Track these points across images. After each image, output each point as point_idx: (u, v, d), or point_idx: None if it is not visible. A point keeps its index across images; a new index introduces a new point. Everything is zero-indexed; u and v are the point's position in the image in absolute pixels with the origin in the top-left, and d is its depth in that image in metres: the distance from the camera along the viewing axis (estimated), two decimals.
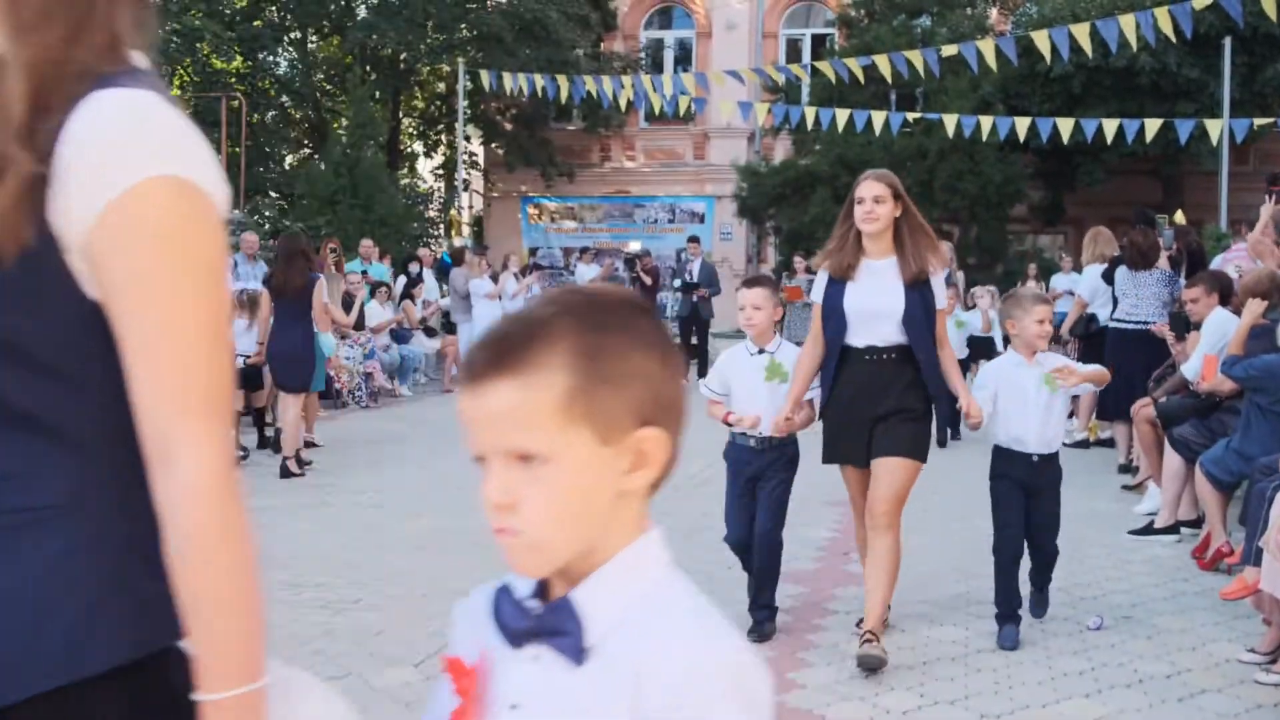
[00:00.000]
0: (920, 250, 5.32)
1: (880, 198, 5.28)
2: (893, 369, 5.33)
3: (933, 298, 5.34)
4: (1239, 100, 20.74)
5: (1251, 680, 5.00)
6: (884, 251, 5.37)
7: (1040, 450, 5.55)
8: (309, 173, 21.56)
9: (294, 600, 6.26)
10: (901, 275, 5.31)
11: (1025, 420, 5.48)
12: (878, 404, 5.29)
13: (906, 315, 5.26)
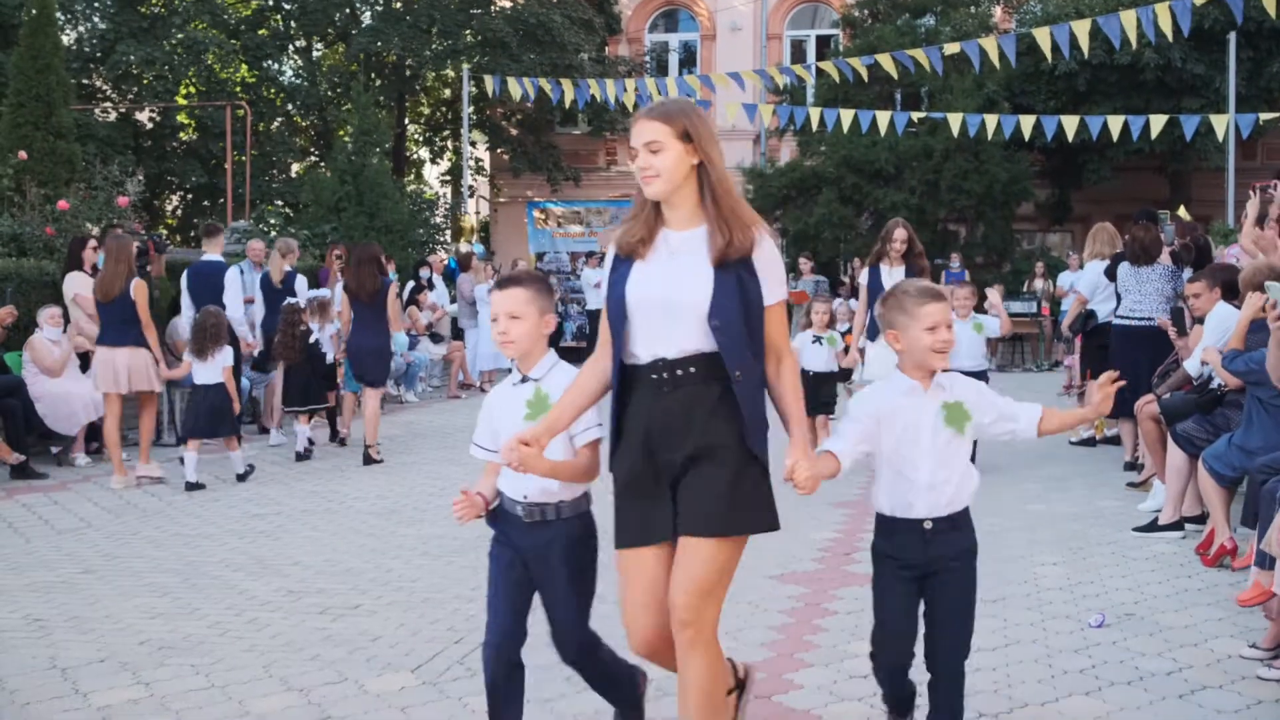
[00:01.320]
0: (737, 214, 3.67)
1: (655, 144, 3.63)
2: (693, 392, 3.65)
3: (756, 286, 3.67)
4: (1244, 95, 20.69)
5: (1254, 676, 4.96)
6: (688, 219, 3.70)
7: (933, 513, 3.91)
8: (314, 180, 21.56)
9: (292, 606, 6.25)
10: (710, 251, 3.65)
11: (914, 471, 3.90)
12: (674, 447, 3.65)
13: (715, 308, 3.61)
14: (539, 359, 4.02)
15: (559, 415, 3.79)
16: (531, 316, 3.96)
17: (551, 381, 3.98)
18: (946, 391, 3.95)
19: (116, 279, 10.20)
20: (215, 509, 9.07)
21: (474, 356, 18.67)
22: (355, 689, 4.97)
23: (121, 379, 10.18)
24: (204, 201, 24.93)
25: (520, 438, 3.62)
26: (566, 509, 3.96)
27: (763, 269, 3.68)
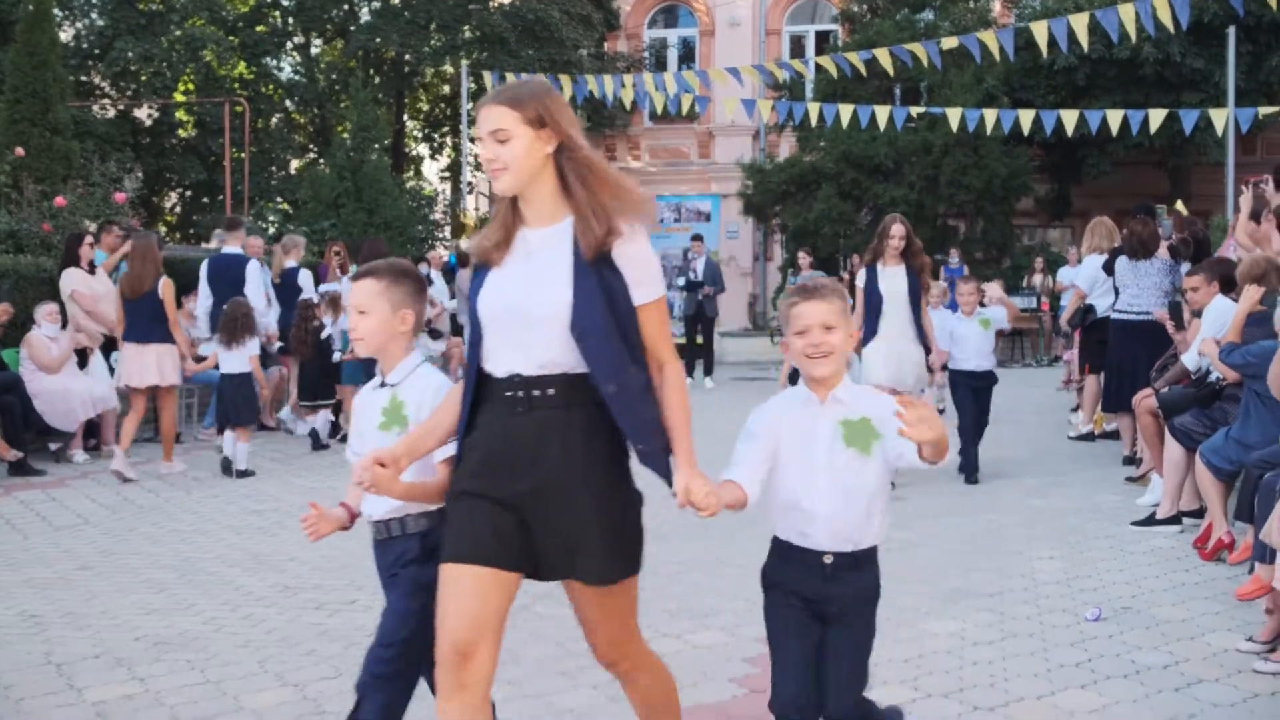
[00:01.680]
0: (601, 204, 3.19)
1: (501, 133, 3.20)
2: (548, 417, 3.20)
3: (623, 286, 3.20)
4: (1244, 90, 20.65)
5: (1250, 670, 4.95)
6: (549, 215, 3.26)
7: (835, 547, 3.41)
8: (313, 176, 21.56)
9: (288, 602, 6.24)
10: (570, 249, 3.21)
11: (810, 497, 3.38)
12: (517, 476, 3.21)
13: (577, 316, 3.14)
14: (398, 361, 3.65)
15: (422, 437, 3.41)
16: (381, 311, 3.59)
17: (409, 388, 3.61)
18: (847, 407, 3.36)
19: (144, 277, 10.44)
20: (213, 505, 9.06)
21: None
22: (350, 684, 4.95)
23: (149, 374, 10.43)
24: (203, 198, 24.91)
25: (377, 457, 3.26)
26: (412, 523, 3.61)
27: (626, 264, 3.20)
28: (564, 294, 3.15)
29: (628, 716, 4.55)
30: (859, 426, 3.35)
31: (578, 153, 3.23)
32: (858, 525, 3.41)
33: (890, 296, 9.47)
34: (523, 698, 4.76)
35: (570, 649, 5.38)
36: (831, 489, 3.36)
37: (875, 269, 9.63)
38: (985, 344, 9.83)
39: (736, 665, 5.13)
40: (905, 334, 9.48)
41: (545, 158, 3.22)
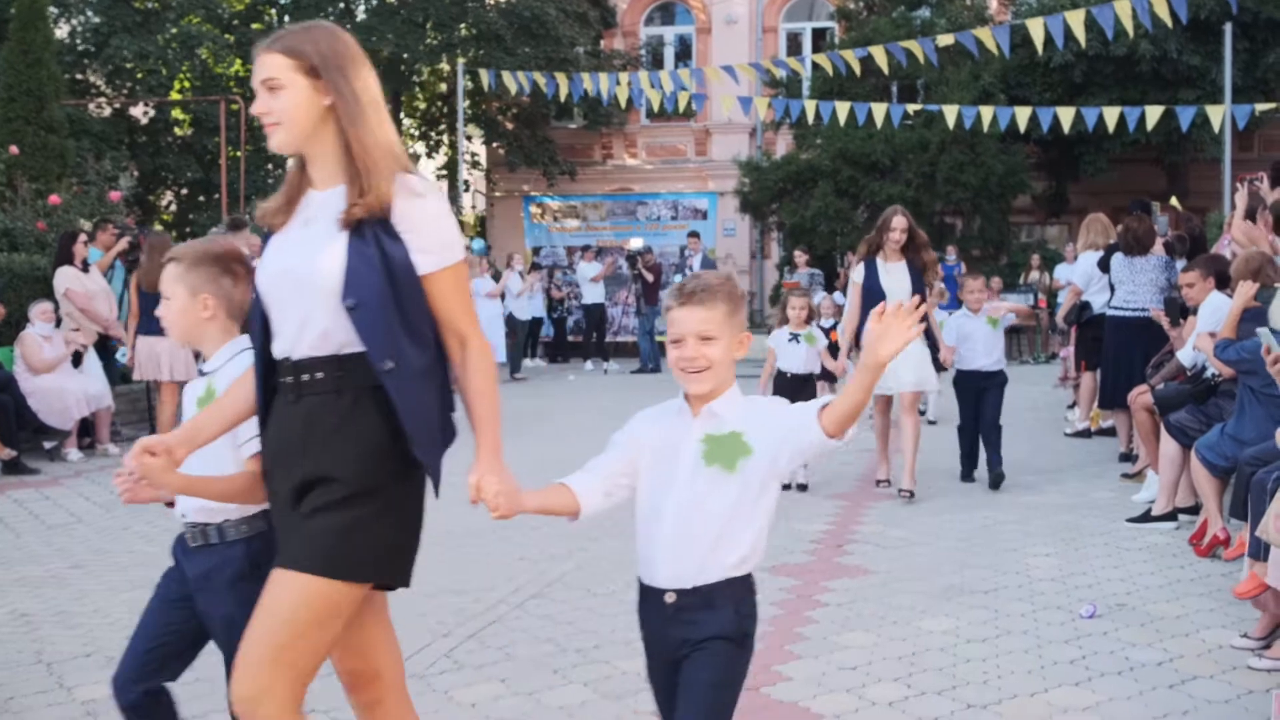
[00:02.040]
0: (377, 162, 2.91)
1: (273, 81, 2.93)
2: (316, 404, 2.93)
3: (402, 252, 2.90)
4: (1241, 86, 20.62)
5: (1244, 666, 4.94)
6: (329, 176, 2.99)
7: (677, 582, 2.92)
8: None
9: None
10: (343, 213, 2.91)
11: (657, 520, 2.95)
12: (288, 474, 2.96)
13: (349, 284, 2.86)
14: (215, 347, 3.39)
15: (202, 424, 3.12)
16: (180, 297, 3.40)
17: (223, 376, 3.30)
18: (719, 420, 2.92)
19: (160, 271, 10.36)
20: None
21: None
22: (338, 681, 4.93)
23: (163, 367, 10.70)
24: (199, 197, 24.85)
25: (147, 445, 2.94)
26: (232, 530, 3.27)
27: (407, 228, 2.90)
28: (336, 261, 2.87)
29: (619, 714, 4.55)
30: (724, 442, 2.89)
31: (351, 106, 2.94)
32: (702, 556, 2.88)
33: (893, 295, 8.48)
34: (513, 695, 4.74)
35: (563, 645, 5.37)
36: (678, 513, 2.90)
37: (875, 264, 8.99)
38: (994, 344, 9.33)
39: None
40: None
41: (324, 111, 2.95)
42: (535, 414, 14.61)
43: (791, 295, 9.56)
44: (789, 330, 9.28)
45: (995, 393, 9.29)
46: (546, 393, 17.42)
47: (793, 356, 9.26)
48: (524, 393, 17.50)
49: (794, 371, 9.24)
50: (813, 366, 9.33)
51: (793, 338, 9.27)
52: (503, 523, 8.04)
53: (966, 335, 9.35)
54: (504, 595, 6.27)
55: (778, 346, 9.31)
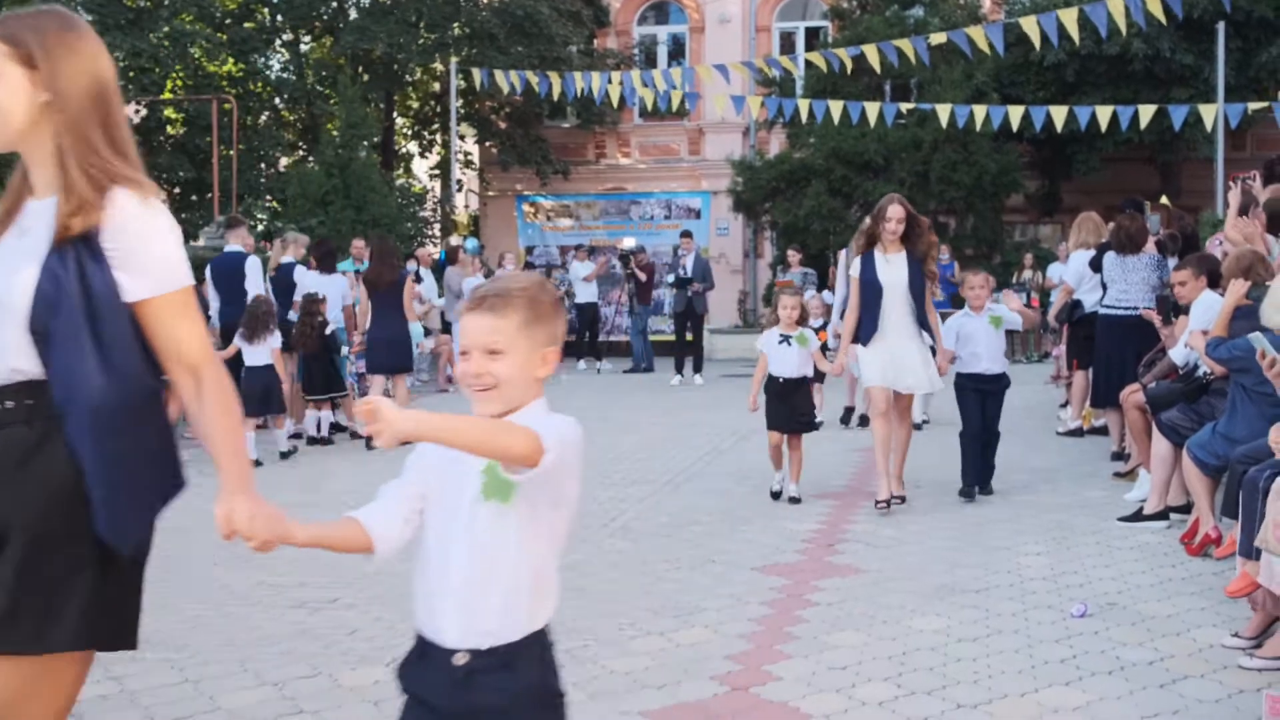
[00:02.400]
0: (88, 173, 2.63)
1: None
2: (9, 436, 2.60)
3: (105, 276, 2.62)
4: (1233, 85, 20.66)
5: (1235, 666, 4.92)
6: (46, 183, 2.70)
7: (468, 640, 2.46)
8: (301, 174, 21.50)
9: (271, 600, 6.20)
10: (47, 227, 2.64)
11: (444, 563, 2.46)
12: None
13: (35, 309, 2.57)
14: None
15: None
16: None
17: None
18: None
19: None
20: (198, 502, 8.90)
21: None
22: (329, 682, 4.92)
23: None
24: (191, 196, 24.79)
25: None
26: None
27: (117, 249, 2.59)
28: (28, 281, 2.55)
29: (607, 714, 4.52)
30: (495, 474, 2.42)
31: (67, 108, 2.61)
32: (498, 611, 2.44)
33: (891, 288, 8.29)
34: None
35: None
36: (467, 558, 2.44)
37: (873, 256, 8.39)
38: (995, 345, 8.70)
39: (719, 663, 5.09)
40: (906, 330, 8.32)
41: (41, 108, 2.63)
42: None
43: (783, 294, 8.87)
44: (779, 331, 8.63)
45: (996, 398, 8.75)
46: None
47: (784, 360, 8.62)
48: None
49: (786, 376, 8.60)
50: (806, 369, 8.71)
51: (784, 339, 8.61)
52: None
53: (968, 336, 8.69)
54: None
55: (768, 350, 8.67)
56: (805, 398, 8.80)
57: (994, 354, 8.70)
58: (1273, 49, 21.33)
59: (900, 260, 8.35)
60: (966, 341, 8.68)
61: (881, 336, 8.33)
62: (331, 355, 12.29)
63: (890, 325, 8.32)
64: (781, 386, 8.61)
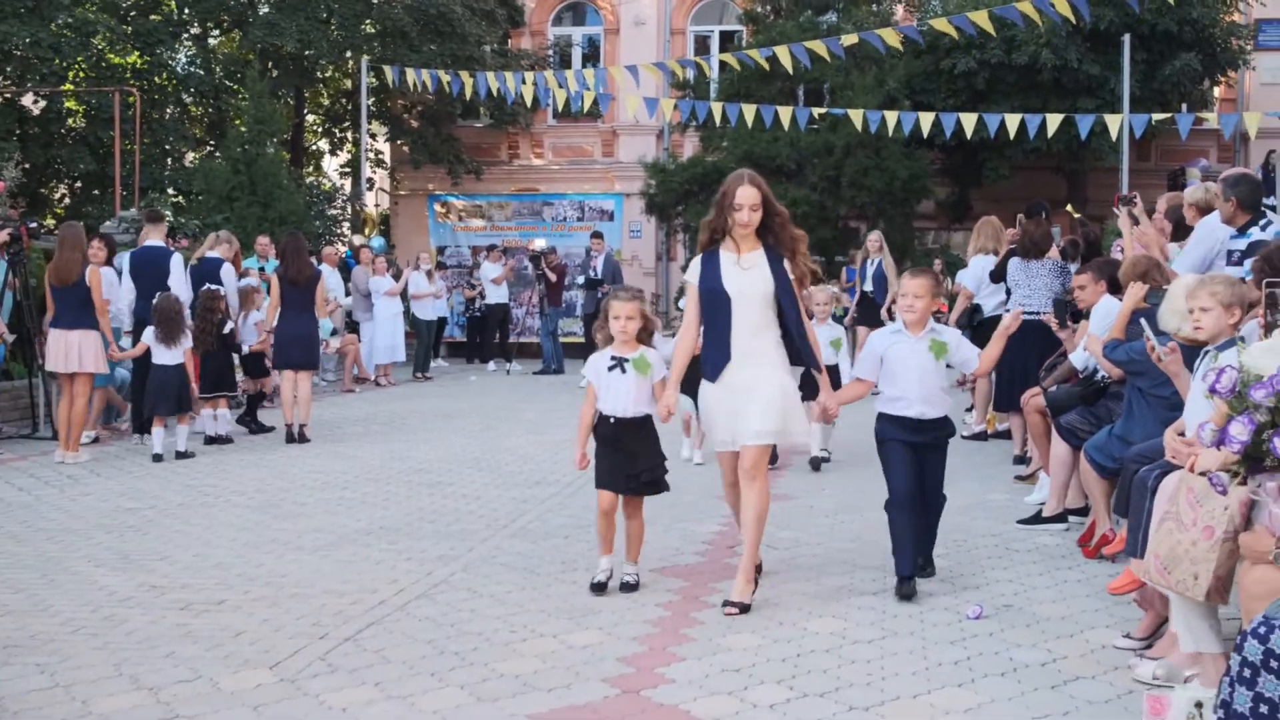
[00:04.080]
0: None
1: None
2: None
3: None
4: (1139, 96, 20.95)
5: (1126, 666, 4.92)
6: None
7: None
8: (207, 169, 21.09)
9: (153, 602, 6.00)
10: None
11: None
12: None
13: None
14: None
15: None
16: None
17: None
18: None
19: (72, 265, 10.82)
20: (85, 503, 8.76)
21: (369, 350, 18.40)
22: (209, 686, 4.76)
23: (73, 359, 10.70)
24: (93, 190, 24.21)
25: None
26: None
27: None
28: None
29: (495, 718, 4.42)
30: None
31: None
32: None
33: (744, 300, 5.94)
34: (387, 700, 4.59)
35: (442, 648, 5.23)
36: None
37: (717, 256, 6.06)
38: (933, 378, 6.25)
39: (611, 665, 5.00)
40: (765, 357, 5.95)
41: None
42: (441, 413, 14.43)
43: (615, 299, 6.25)
44: (611, 353, 6.23)
45: (938, 454, 6.33)
46: (451, 392, 17.22)
47: (616, 393, 6.20)
48: (429, 392, 17.30)
49: (618, 414, 6.17)
50: (646, 405, 6.24)
51: (615, 364, 6.20)
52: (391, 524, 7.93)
53: (896, 364, 6.25)
54: (386, 597, 6.11)
55: (596, 379, 6.28)
56: (648, 445, 6.23)
57: (930, 391, 6.23)
58: (1176, 62, 21.67)
59: (757, 261, 6.01)
60: (894, 373, 6.25)
61: (735, 369, 5.95)
62: (229, 353, 12.07)
63: (743, 351, 5.94)
64: (614, 429, 6.18)
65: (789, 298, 6.00)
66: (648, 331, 6.33)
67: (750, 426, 5.86)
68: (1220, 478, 4.15)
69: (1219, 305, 5.31)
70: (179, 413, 10.98)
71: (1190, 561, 4.34)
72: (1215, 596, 4.32)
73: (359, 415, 14.31)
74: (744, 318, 5.95)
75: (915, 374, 6.21)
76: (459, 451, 11.18)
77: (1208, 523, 4.27)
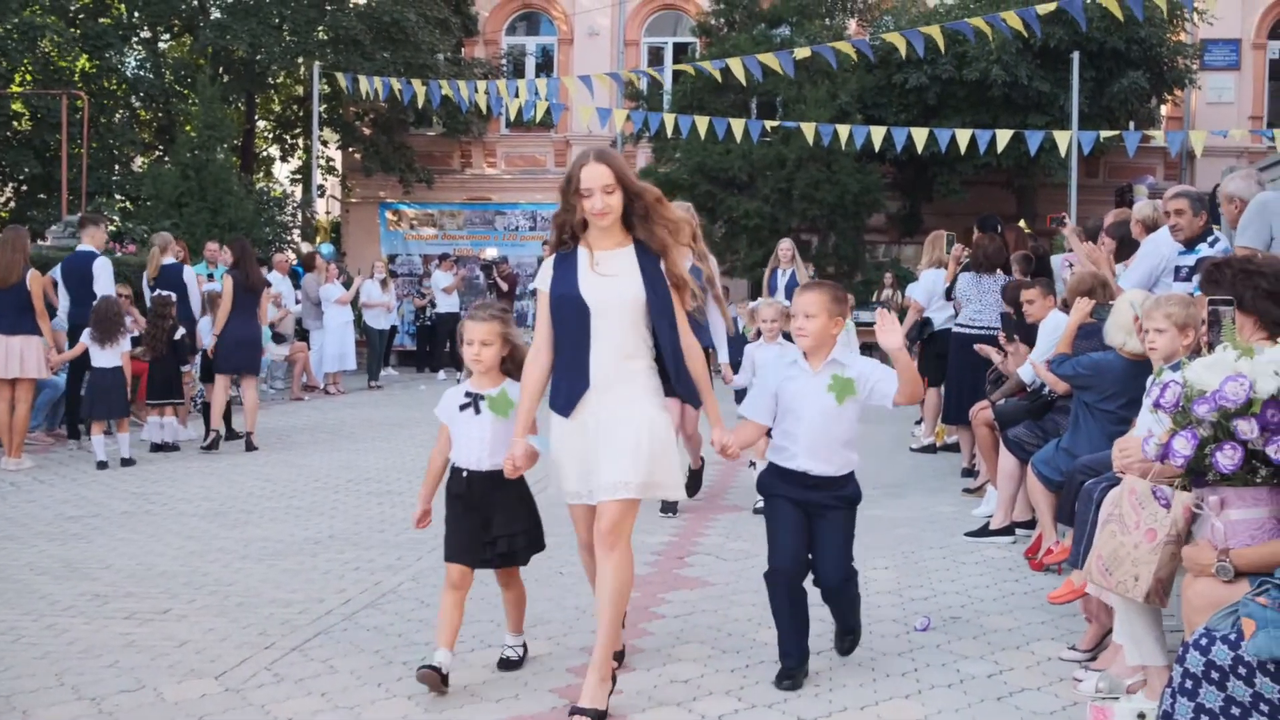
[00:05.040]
0: None
1: None
2: None
3: None
4: (1087, 113, 21.21)
5: (1071, 678, 4.96)
6: None
7: None
8: (155, 174, 20.90)
9: (96, 611, 5.94)
10: None
11: None
12: None
13: None
14: None
15: None
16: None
17: None
18: None
19: (13, 267, 10.69)
20: (28, 510, 8.65)
21: (319, 358, 18.29)
22: (153, 696, 4.71)
23: (13, 364, 10.59)
24: (39, 194, 23.93)
25: None
26: None
27: None
28: None
29: None
30: None
31: None
32: None
33: (603, 309, 4.63)
34: (333, 710, 4.56)
35: (390, 658, 5.20)
36: None
37: (573, 258, 4.74)
38: (836, 427, 4.93)
39: (559, 675, 4.99)
40: (631, 385, 4.64)
41: None
42: (390, 422, 14.37)
43: (471, 320, 5.13)
44: (467, 388, 5.15)
45: (833, 520, 4.96)
46: (400, 401, 17.15)
47: (469, 440, 5.06)
48: (378, 401, 17.22)
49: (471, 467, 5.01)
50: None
51: (470, 402, 5.11)
52: (339, 533, 7.81)
53: (790, 403, 4.97)
54: (333, 606, 6.07)
55: (449, 420, 5.21)
56: (508, 505, 5.01)
57: (823, 442, 4.90)
58: (1124, 80, 21.95)
59: (623, 262, 4.69)
60: (785, 411, 4.99)
61: (593, 401, 4.65)
62: (177, 360, 11.96)
63: (605, 378, 4.64)
64: (465, 485, 4.99)
65: (661, 309, 4.68)
66: (515, 361, 5.02)
67: (607, 477, 4.55)
68: (1164, 491, 4.20)
69: (1173, 326, 5.35)
70: (118, 417, 10.87)
71: (1132, 563, 4.38)
72: (1155, 598, 4.36)
73: (307, 423, 14.22)
74: (606, 335, 4.63)
75: (807, 419, 4.88)
76: (408, 461, 11.13)
77: (1150, 525, 4.31)
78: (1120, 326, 6.26)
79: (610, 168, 4.62)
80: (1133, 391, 5.86)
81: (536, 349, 4.80)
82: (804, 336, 4.94)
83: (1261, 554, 3.70)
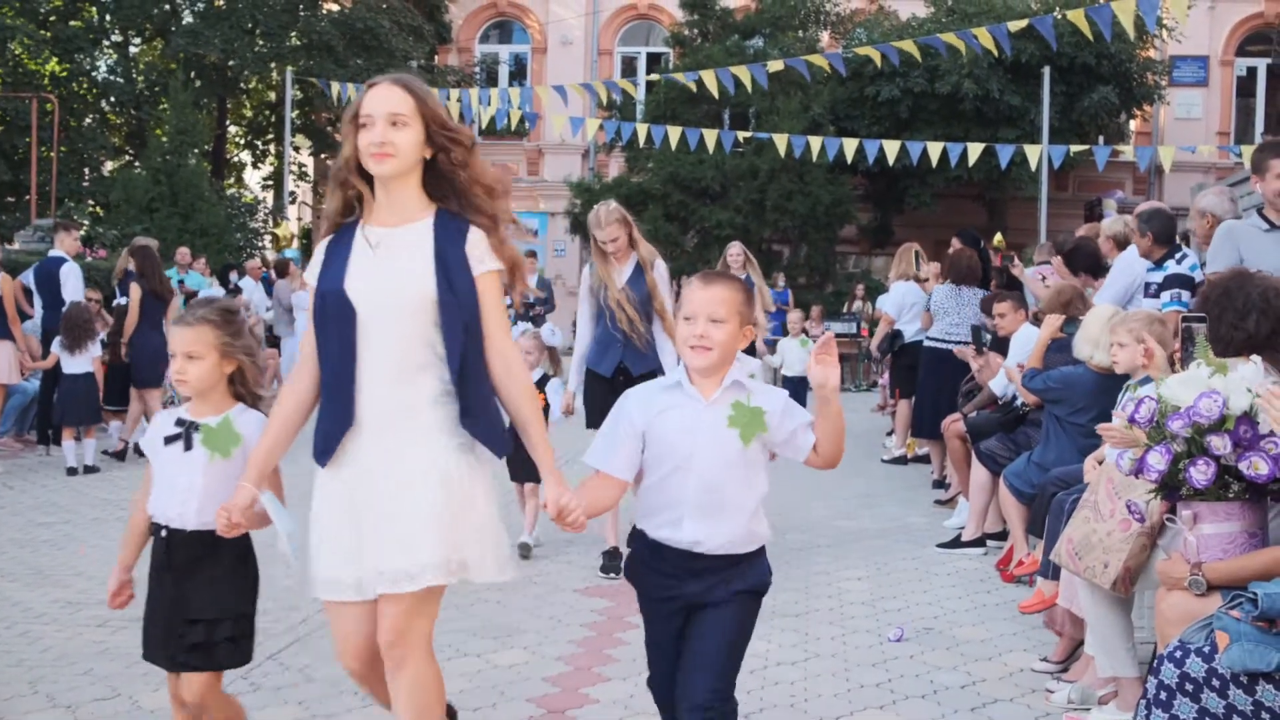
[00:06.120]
0: None
1: None
2: None
3: None
4: (1058, 128, 21.38)
5: (1043, 689, 5.00)
6: None
7: None
8: (126, 179, 20.82)
9: (69, 619, 5.91)
10: None
11: None
12: None
13: None
14: None
15: None
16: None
17: None
18: None
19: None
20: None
21: (289, 364, 18.22)
22: (129, 704, 4.70)
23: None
24: (8, 198, 23.80)
25: None
26: None
27: None
28: None
29: None
30: None
31: None
32: None
33: (375, 309, 3.35)
34: (310, 718, 4.56)
35: None
36: None
37: (349, 234, 3.47)
38: (739, 475, 3.40)
39: (536, 685, 5.00)
40: (414, 418, 3.35)
41: None
42: None
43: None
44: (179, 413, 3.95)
45: (723, 615, 3.63)
46: None
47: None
48: None
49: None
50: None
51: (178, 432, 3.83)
52: None
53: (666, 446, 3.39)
54: (308, 614, 6.05)
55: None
56: (215, 581, 3.81)
57: (722, 500, 3.39)
58: (1094, 95, 22.16)
59: (414, 240, 3.39)
60: (659, 459, 3.40)
61: (363, 445, 3.43)
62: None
63: (378, 411, 3.38)
64: (164, 548, 3.80)
65: (458, 311, 3.36)
66: (244, 383, 3.74)
67: (388, 561, 3.31)
68: (1139, 506, 4.25)
69: (1134, 341, 5.43)
70: (89, 424, 10.80)
71: (1103, 550, 4.42)
72: (1121, 587, 4.40)
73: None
74: (380, 350, 3.34)
75: (699, 468, 3.34)
76: None
77: (1125, 515, 4.35)
78: (1088, 340, 6.32)
79: (409, 92, 3.36)
80: (1103, 405, 5.91)
81: (298, 367, 3.51)
82: (705, 351, 3.28)
83: (1233, 568, 3.74)
